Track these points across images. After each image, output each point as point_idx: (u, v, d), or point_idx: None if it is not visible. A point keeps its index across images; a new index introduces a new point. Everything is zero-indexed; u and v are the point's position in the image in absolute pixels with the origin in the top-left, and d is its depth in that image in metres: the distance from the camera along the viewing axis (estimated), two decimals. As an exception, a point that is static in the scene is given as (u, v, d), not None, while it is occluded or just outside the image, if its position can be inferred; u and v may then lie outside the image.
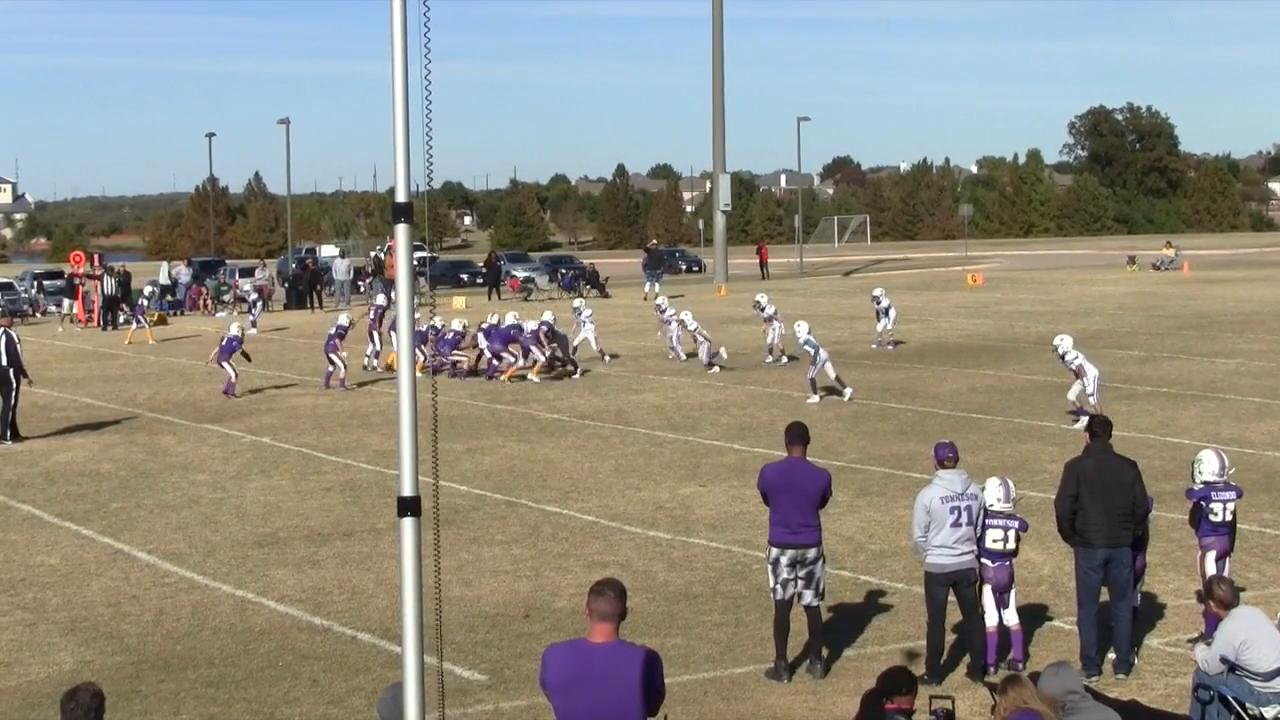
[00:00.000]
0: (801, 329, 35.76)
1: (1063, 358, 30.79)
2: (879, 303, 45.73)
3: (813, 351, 34.56)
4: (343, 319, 41.26)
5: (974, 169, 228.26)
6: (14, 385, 31.30)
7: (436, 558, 8.31)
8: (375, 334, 42.88)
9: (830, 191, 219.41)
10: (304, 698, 14.78)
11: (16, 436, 31.33)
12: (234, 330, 40.08)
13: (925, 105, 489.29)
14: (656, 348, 46.82)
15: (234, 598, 18.53)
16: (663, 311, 45.46)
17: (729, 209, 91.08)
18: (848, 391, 34.37)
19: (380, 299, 44.86)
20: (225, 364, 38.25)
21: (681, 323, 42.86)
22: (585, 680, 8.97)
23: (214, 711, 14.46)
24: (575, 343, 42.36)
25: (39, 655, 16.35)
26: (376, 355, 42.50)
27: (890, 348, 44.91)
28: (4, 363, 31.07)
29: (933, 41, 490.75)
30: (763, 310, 42.76)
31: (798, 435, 15.53)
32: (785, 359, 41.40)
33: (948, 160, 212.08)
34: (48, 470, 27.68)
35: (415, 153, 7.70)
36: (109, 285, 63.77)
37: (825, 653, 15.45)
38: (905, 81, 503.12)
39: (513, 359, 39.68)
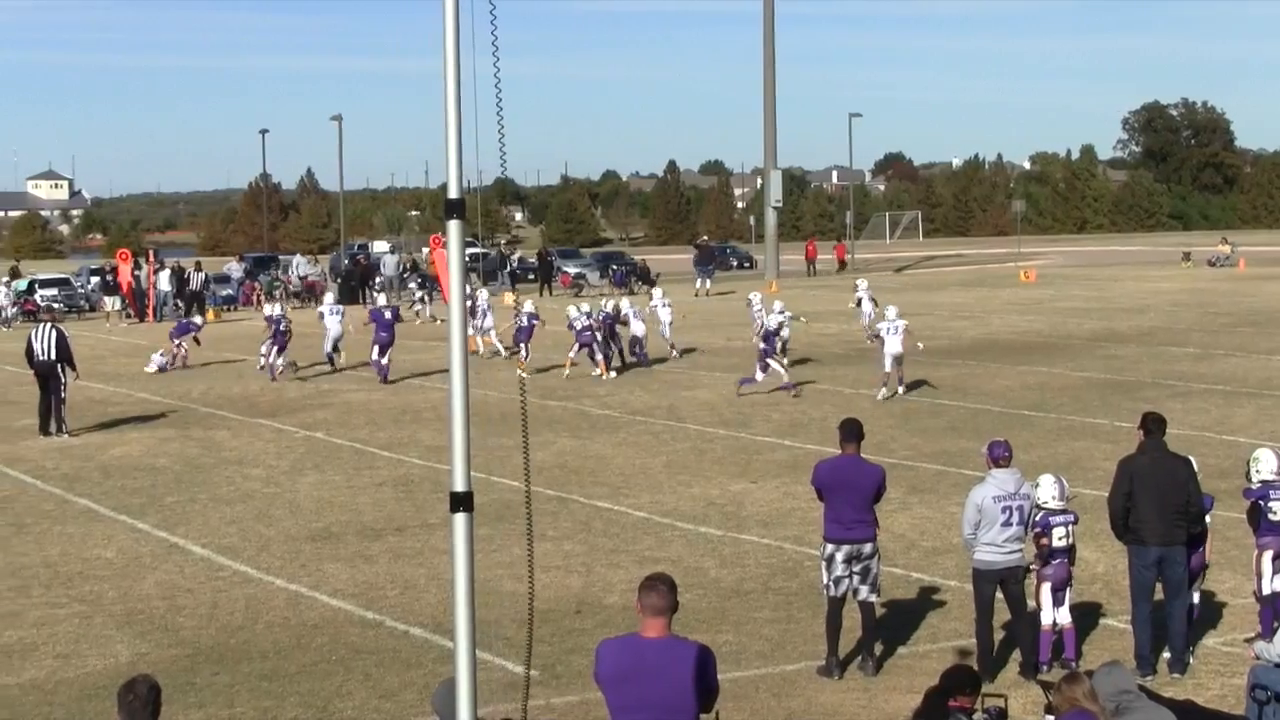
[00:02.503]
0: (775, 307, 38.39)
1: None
2: (855, 290, 45.81)
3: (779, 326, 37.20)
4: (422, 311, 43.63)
5: (1027, 165, 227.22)
6: (63, 380, 31.71)
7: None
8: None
9: (882, 188, 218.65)
10: (356, 692, 14.83)
11: (61, 430, 31.64)
12: (197, 319, 47.03)
13: (978, 101, 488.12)
14: (706, 344, 46.84)
15: (287, 592, 18.59)
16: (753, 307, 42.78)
17: (780, 205, 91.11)
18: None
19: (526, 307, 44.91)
20: (178, 341, 43.50)
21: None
22: (638, 675, 8.98)
23: (267, 705, 14.52)
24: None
25: (96, 647, 16.45)
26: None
27: (869, 341, 44.50)
28: (53, 357, 31.49)
29: (986, 37, 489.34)
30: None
31: (852, 432, 15.49)
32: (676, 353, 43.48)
33: (1000, 156, 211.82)
34: (104, 464, 27.84)
35: (467, 149, 7.71)
36: (183, 280, 64.31)
37: (878, 650, 15.41)
38: (957, 77, 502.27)
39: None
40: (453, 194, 7.67)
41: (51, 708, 14.57)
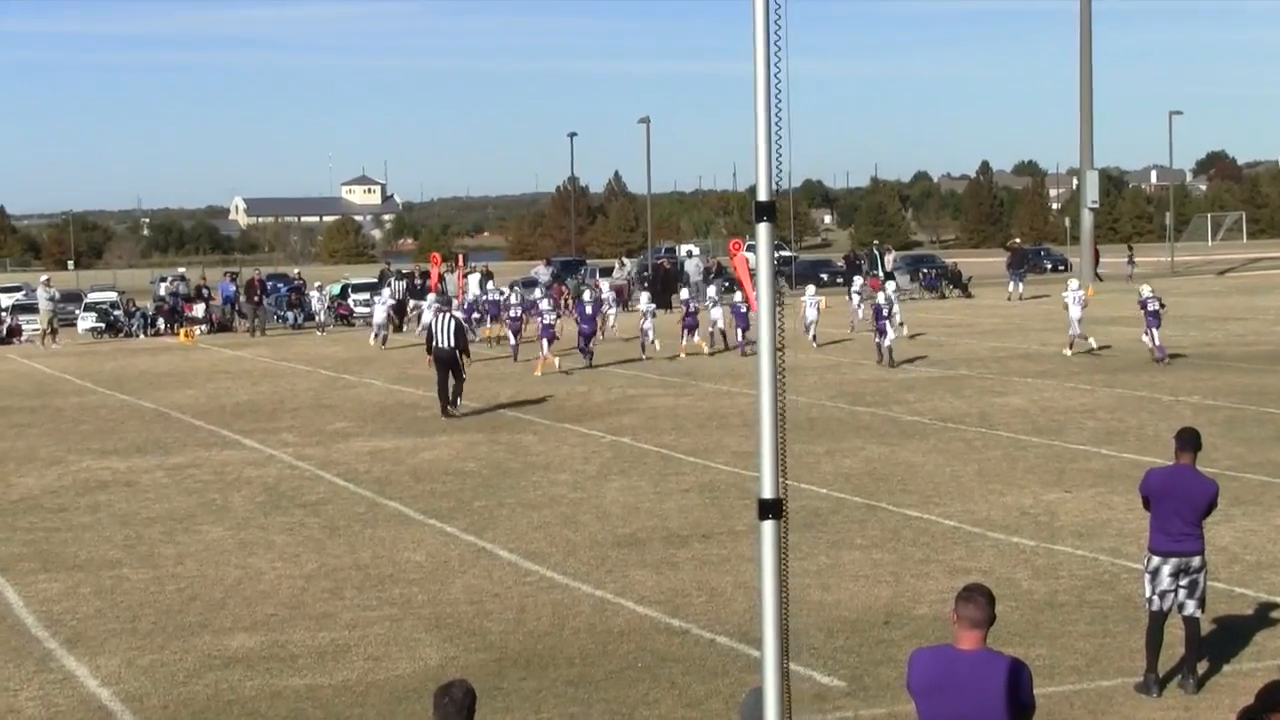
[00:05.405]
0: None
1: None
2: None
3: None
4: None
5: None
6: (461, 364, 35.36)
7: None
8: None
9: (1203, 187, 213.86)
10: (663, 699, 14.90)
11: (457, 403, 35.52)
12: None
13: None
14: (1020, 349, 46.32)
15: (593, 598, 18.77)
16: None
17: (1097, 206, 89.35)
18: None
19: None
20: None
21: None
22: (949, 687, 8.88)
23: (574, 711, 14.67)
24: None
25: (406, 650, 16.80)
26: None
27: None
28: (452, 344, 35.04)
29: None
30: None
31: (1188, 441, 15.04)
32: None
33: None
34: (414, 468, 28.45)
35: (778, 152, 7.71)
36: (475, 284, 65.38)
37: (1200, 668, 15.02)
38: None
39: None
40: (762, 196, 7.68)
41: (364, 709, 14.91)
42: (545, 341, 44.55)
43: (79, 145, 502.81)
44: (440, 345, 35.16)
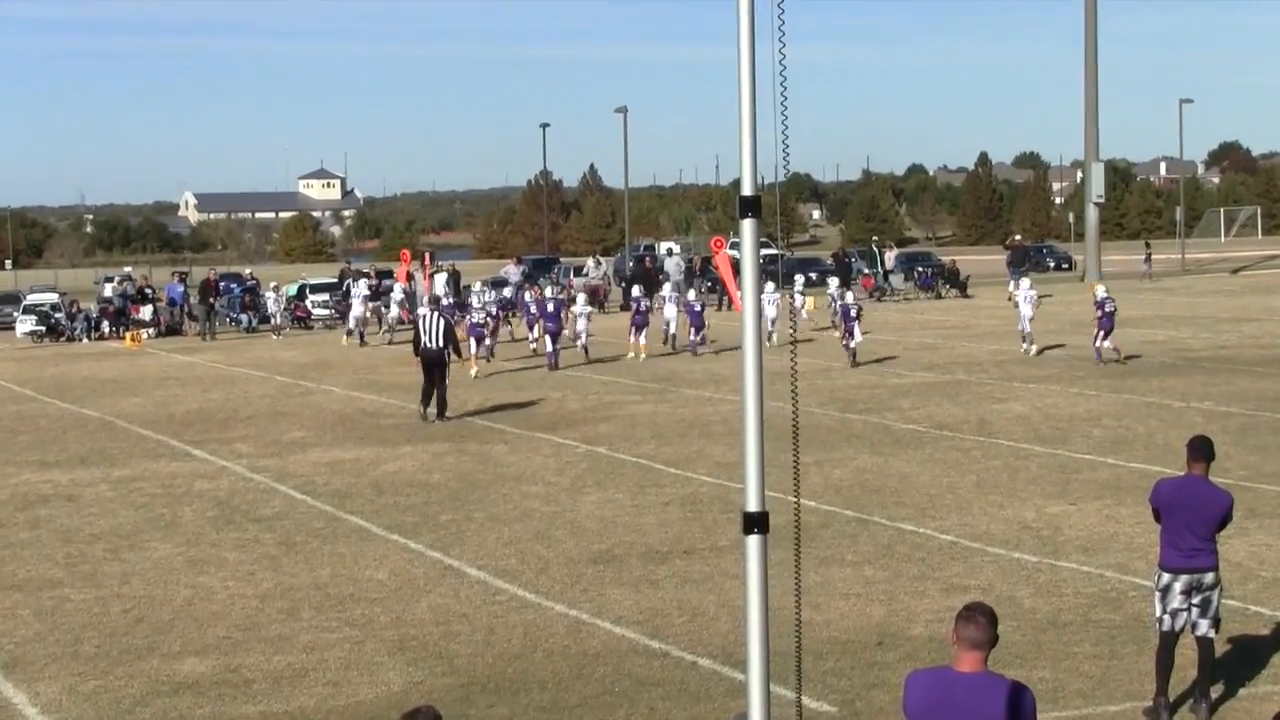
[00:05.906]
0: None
1: None
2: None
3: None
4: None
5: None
6: (447, 366, 35.78)
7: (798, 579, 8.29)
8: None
9: (1216, 180, 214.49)
10: (641, 726, 14.89)
11: (443, 415, 35.53)
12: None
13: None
14: (1021, 353, 46.37)
15: (567, 618, 18.74)
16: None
17: (1102, 200, 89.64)
18: None
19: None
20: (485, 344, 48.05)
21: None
22: (947, 711, 8.87)
23: (546, 738, 14.65)
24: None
25: (367, 675, 16.75)
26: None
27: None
28: (441, 344, 35.39)
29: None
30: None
31: (1201, 451, 15.01)
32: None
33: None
34: (376, 480, 28.39)
35: (763, 144, 7.69)
36: (459, 284, 65.45)
37: (1213, 691, 15.02)
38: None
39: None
40: (747, 191, 7.67)
41: (322, 737, 14.89)
42: (474, 341, 46.26)
43: (17, 137, 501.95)
44: (429, 346, 35.61)
